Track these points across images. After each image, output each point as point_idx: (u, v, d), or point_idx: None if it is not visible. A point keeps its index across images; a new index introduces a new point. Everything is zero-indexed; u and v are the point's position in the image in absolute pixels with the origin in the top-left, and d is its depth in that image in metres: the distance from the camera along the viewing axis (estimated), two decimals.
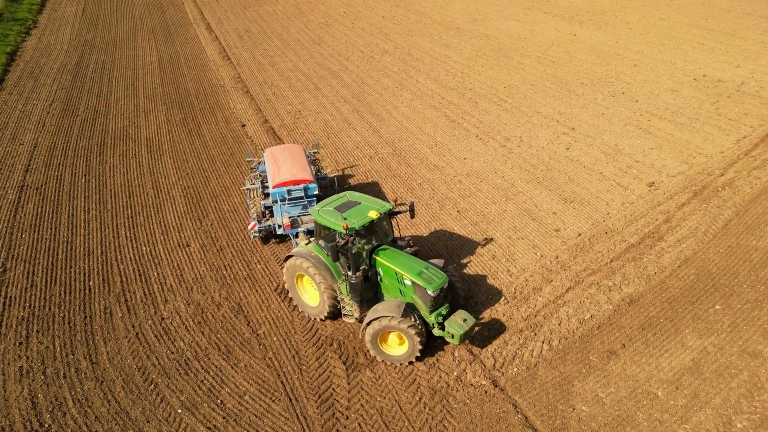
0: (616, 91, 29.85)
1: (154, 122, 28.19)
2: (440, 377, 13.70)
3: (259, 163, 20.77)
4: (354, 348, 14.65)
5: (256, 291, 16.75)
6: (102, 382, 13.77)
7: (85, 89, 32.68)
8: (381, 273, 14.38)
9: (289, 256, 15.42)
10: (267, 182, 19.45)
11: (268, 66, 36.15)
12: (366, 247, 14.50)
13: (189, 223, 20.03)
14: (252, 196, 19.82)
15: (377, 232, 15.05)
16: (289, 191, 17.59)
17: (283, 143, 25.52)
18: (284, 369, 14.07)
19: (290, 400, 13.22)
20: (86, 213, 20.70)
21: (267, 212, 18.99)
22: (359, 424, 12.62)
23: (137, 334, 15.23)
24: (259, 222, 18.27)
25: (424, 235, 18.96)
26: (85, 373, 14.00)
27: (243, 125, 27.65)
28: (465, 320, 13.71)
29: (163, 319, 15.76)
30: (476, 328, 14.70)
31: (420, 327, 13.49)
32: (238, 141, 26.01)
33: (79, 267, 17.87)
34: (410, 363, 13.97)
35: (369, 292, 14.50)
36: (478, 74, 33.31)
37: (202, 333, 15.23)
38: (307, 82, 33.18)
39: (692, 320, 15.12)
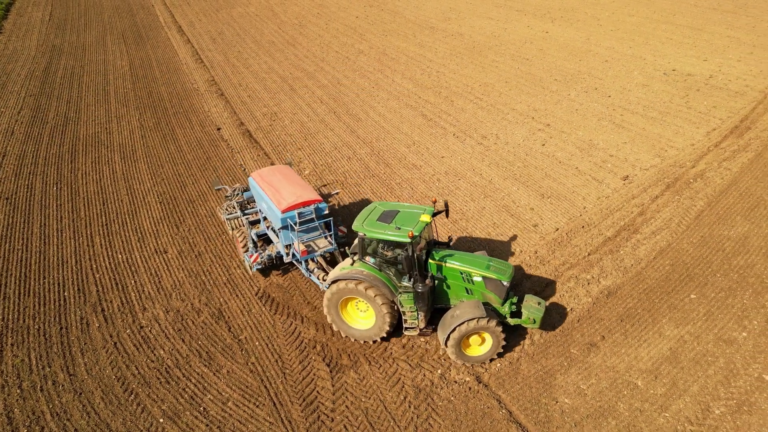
0: (589, 87, 30.28)
1: (127, 128, 27.71)
2: (424, 375, 13.74)
3: (243, 190, 19.10)
4: (337, 350, 14.60)
5: (237, 296, 16.58)
6: (80, 394, 13.48)
7: (54, 95, 31.98)
8: (444, 276, 14.09)
9: (334, 281, 14.20)
10: (248, 209, 18.21)
11: (243, 68, 35.82)
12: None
13: (165, 229, 19.73)
14: (235, 226, 18.17)
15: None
16: (299, 214, 15.68)
17: (260, 145, 25.32)
18: (267, 373, 13.96)
19: (274, 404, 13.12)
20: (59, 222, 20.25)
21: (260, 241, 17.65)
22: (345, 426, 12.59)
23: (115, 343, 14.95)
24: (257, 251, 16.82)
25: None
26: (62, 386, 13.70)
27: (218, 128, 27.34)
28: (539, 303, 13.90)
29: (141, 327, 15.50)
30: None
31: (500, 322, 13.54)
32: (213, 145, 25.71)
33: (53, 277, 17.47)
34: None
35: (429, 300, 14.24)
36: (454, 73, 33.48)
37: (183, 340, 15.03)
38: (282, 83, 32.96)
39: (669, 310, 15.42)
